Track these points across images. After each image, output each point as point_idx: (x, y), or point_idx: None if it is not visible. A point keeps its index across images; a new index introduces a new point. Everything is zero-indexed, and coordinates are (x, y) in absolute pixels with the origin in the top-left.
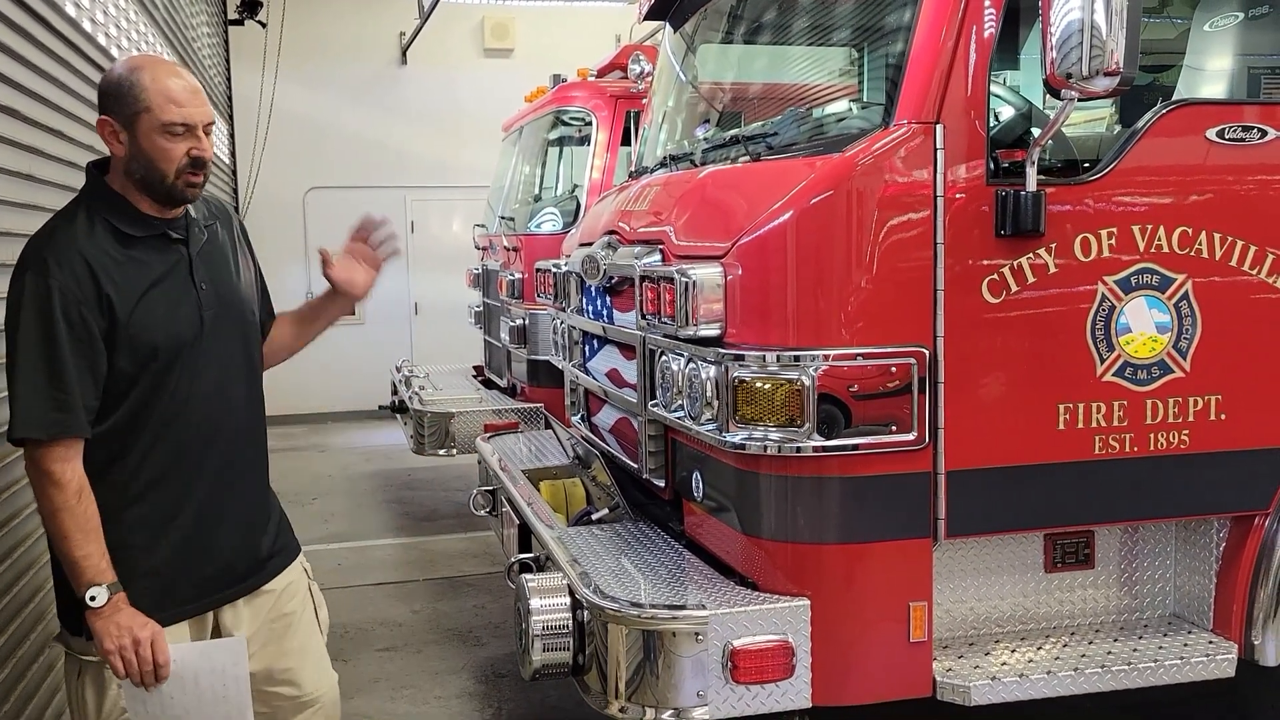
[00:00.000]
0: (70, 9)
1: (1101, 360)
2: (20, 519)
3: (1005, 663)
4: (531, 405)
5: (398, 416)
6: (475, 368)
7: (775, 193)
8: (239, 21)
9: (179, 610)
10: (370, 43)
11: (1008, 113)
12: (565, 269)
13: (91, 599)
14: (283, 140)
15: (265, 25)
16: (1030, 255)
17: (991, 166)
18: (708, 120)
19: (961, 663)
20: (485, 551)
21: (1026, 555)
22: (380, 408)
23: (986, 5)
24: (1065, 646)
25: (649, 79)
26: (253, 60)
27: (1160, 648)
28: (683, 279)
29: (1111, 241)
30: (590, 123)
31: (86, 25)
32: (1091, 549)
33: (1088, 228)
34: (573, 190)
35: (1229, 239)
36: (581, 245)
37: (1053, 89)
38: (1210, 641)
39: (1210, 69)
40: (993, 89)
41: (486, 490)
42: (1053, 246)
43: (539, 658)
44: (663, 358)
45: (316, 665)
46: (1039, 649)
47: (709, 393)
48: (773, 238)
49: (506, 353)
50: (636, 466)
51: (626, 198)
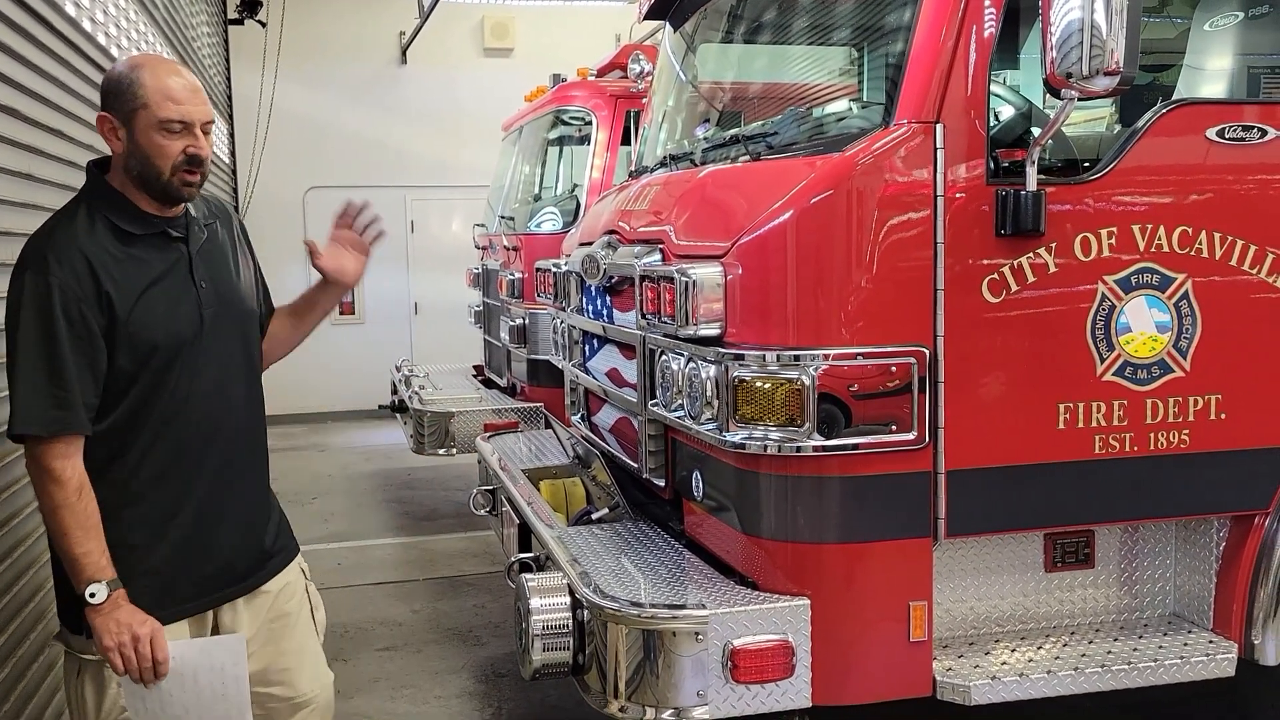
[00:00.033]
0: (70, 9)
1: (1101, 360)
2: (20, 518)
3: (1005, 662)
4: (531, 405)
5: (397, 416)
6: (475, 367)
7: (775, 192)
8: (239, 21)
9: (179, 609)
10: (370, 42)
11: (1008, 112)
12: (565, 269)
13: (91, 595)
14: (283, 140)
15: (265, 25)
16: (1030, 255)
17: (991, 166)
18: (708, 120)
19: (961, 662)
20: (485, 551)
21: (1026, 555)
22: (380, 407)
23: (986, 5)
24: (1065, 646)
25: (649, 78)
26: (252, 60)
27: (1160, 647)
28: (683, 278)
29: (1111, 241)
30: (590, 122)
31: (86, 25)
32: (1091, 549)
33: (1088, 227)
34: (572, 190)
35: (1229, 238)
36: (581, 245)
37: (1053, 89)
38: (1210, 641)
39: (1210, 68)
40: (993, 89)
41: (486, 490)
42: (1053, 246)
43: (539, 657)
44: (663, 357)
45: (313, 666)
46: (1039, 648)
47: (709, 392)
48: (773, 237)
49: (506, 352)
50: (636, 466)
51: (626, 197)
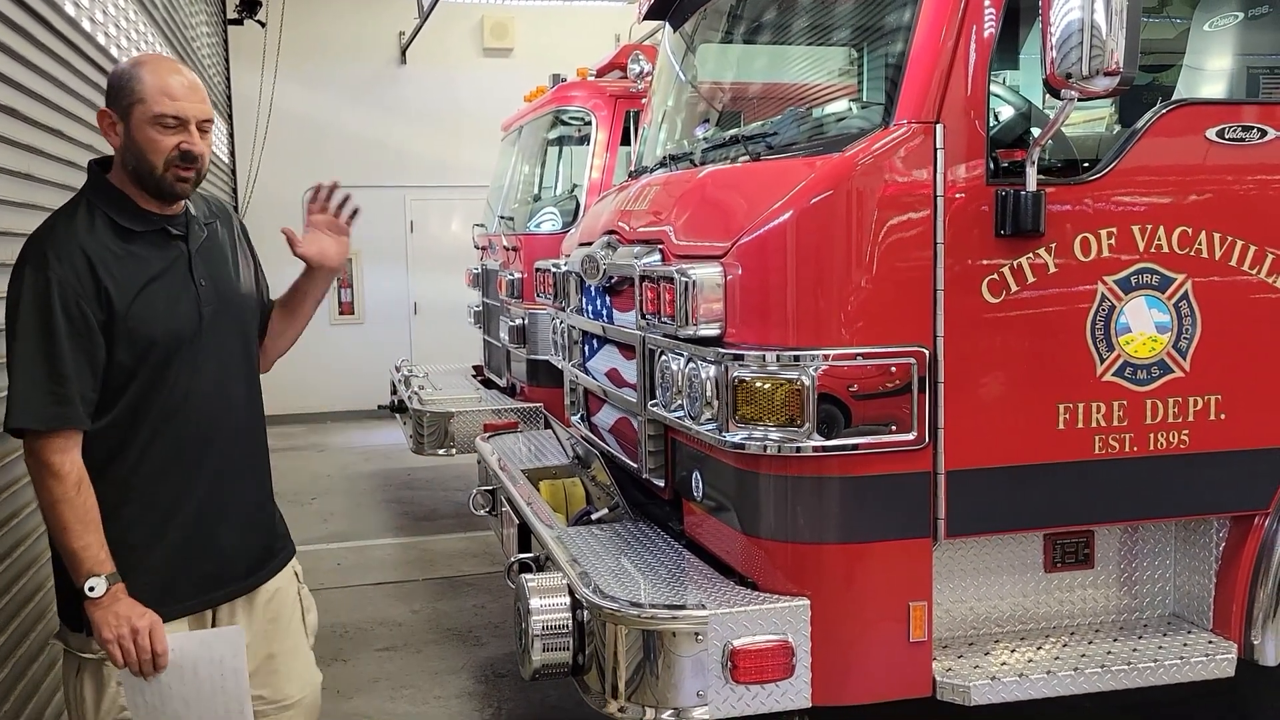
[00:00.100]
0: (70, 8)
1: (1101, 360)
2: (21, 518)
3: (1005, 662)
4: (531, 405)
5: (397, 416)
6: (475, 367)
7: (775, 192)
8: (238, 21)
9: (178, 607)
10: (370, 42)
11: (1008, 112)
12: (565, 269)
13: (90, 589)
14: (282, 140)
15: (264, 25)
16: (1030, 255)
17: (991, 166)
18: (707, 120)
19: (961, 662)
20: (485, 551)
21: (1026, 555)
22: (380, 407)
23: (986, 5)
24: (1065, 646)
25: (648, 79)
26: (252, 60)
27: (1160, 648)
28: (682, 279)
29: (1111, 241)
30: (590, 122)
31: (86, 24)
32: (1091, 549)
33: (1087, 227)
34: (572, 190)
35: (1229, 239)
36: (581, 245)
37: (1053, 89)
38: (1210, 641)
39: (1210, 69)
40: (993, 89)
41: (486, 490)
42: (1052, 246)
43: (539, 658)
44: (662, 357)
45: (302, 670)
46: (1039, 649)
47: (709, 392)
48: (772, 237)
49: (506, 352)
50: (636, 466)
51: (626, 197)
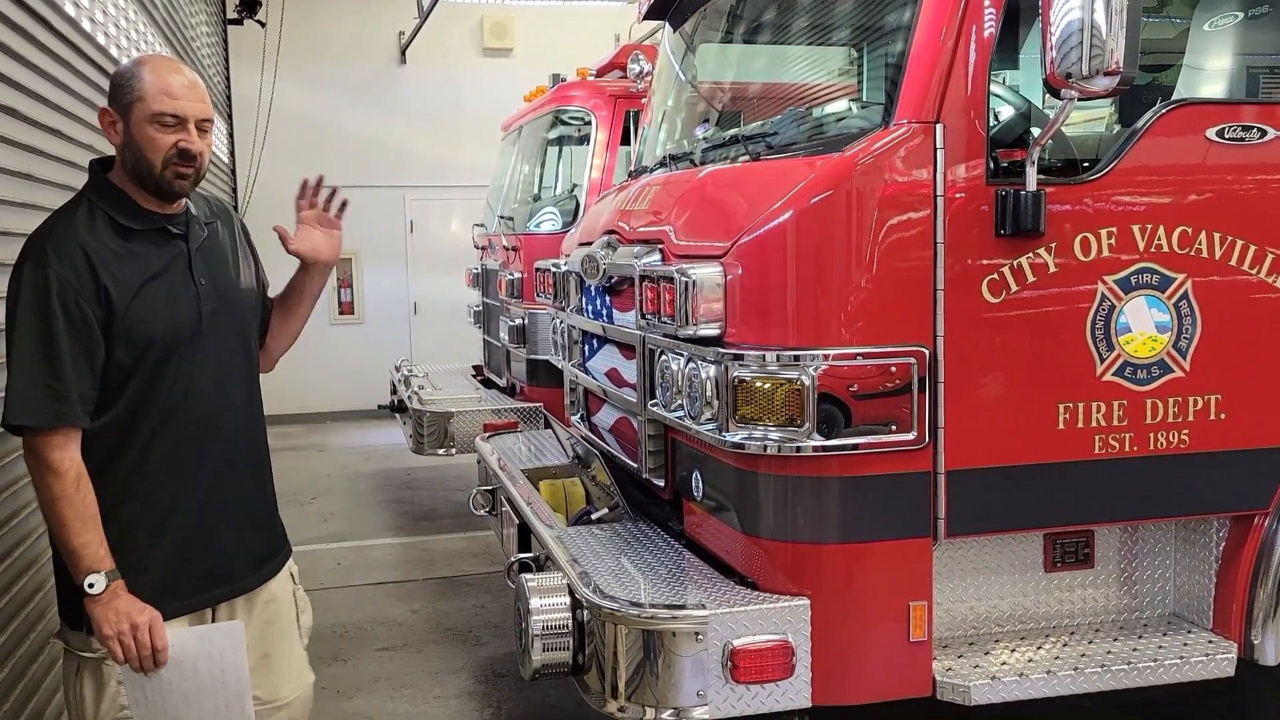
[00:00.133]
0: (69, 8)
1: (1101, 360)
2: (21, 518)
3: (1005, 662)
4: (531, 405)
5: (397, 416)
6: (474, 367)
7: (775, 192)
8: (238, 21)
9: (177, 605)
10: (369, 42)
11: (1008, 112)
12: (565, 268)
13: (90, 586)
14: (282, 140)
15: (264, 25)
16: (1030, 255)
17: (991, 166)
18: (707, 120)
19: (961, 662)
20: (485, 551)
21: (1026, 555)
22: (379, 407)
23: (986, 5)
24: (1065, 646)
25: (648, 78)
26: (252, 60)
27: (1160, 647)
28: (682, 278)
29: (1111, 241)
30: (589, 122)
31: (85, 24)
32: (1091, 549)
33: (1087, 227)
34: (572, 190)
35: (1229, 238)
36: (581, 245)
37: (1053, 89)
38: (1210, 641)
39: (1210, 68)
40: (993, 89)
41: (486, 490)
42: (1052, 246)
43: (539, 657)
44: (662, 357)
45: (296, 672)
46: (1039, 649)
47: (709, 392)
48: (772, 237)
49: (506, 352)
50: (636, 466)
51: (626, 197)
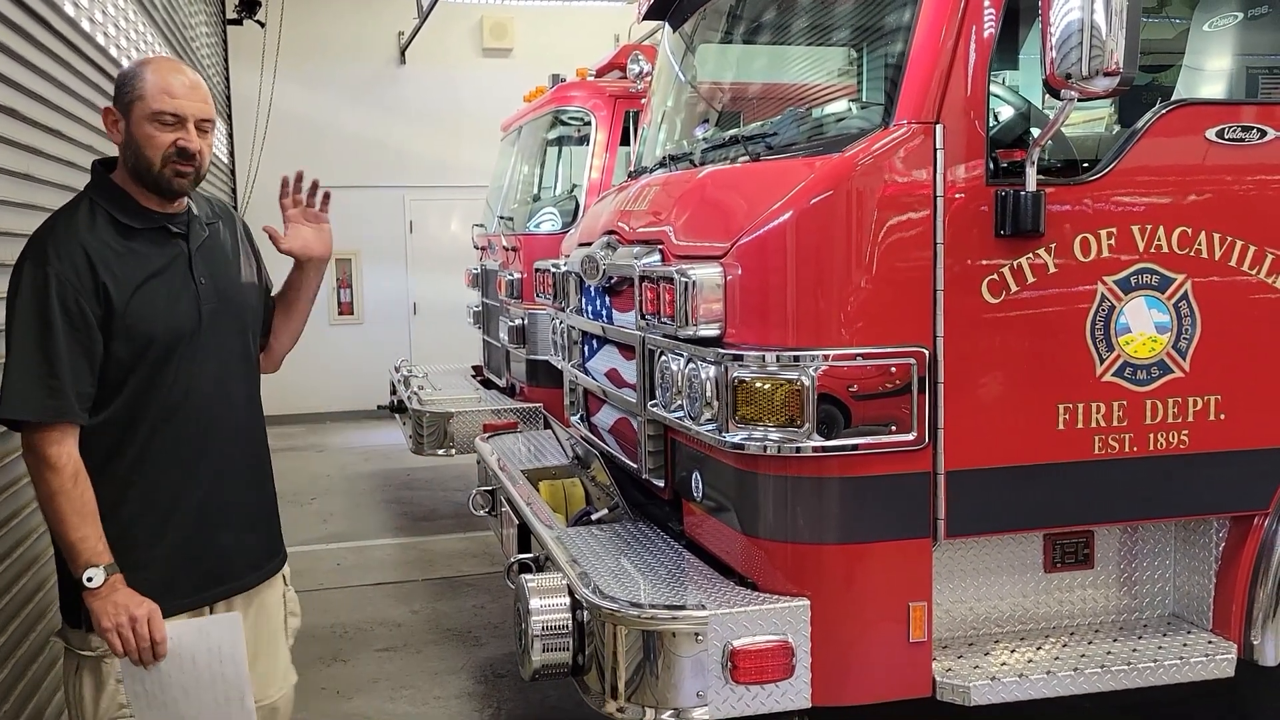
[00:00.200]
0: (69, 8)
1: (1101, 360)
2: (21, 518)
3: (1005, 663)
4: (530, 405)
5: (396, 416)
6: (474, 368)
7: (775, 193)
8: (237, 21)
9: (176, 604)
10: (369, 42)
11: (1007, 113)
12: (564, 269)
13: (89, 580)
14: (281, 140)
15: (264, 25)
16: (1030, 255)
17: (991, 166)
18: (707, 120)
19: (961, 663)
20: (484, 551)
21: (1026, 555)
22: (379, 407)
23: (986, 5)
24: (1065, 646)
25: (648, 79)
26: (251, 60)
27: (1160, 648)
28: (682, 279)
29: (1111, 241)
30: (589, 122)
31: (85, 25)
32: (1091, 549)
33: (1087, 228)
34: (571, 190)
35: (1228, 239)
36: (581, 245)
37: (1053, 89)
38: (1209, 641)
39: (1209, 69)
40: (992, 89)
41: (485, 490)
42: (1052, 246)
43: (538, 658)
44: (662, 358)
45: (283, 671)
46: (1038, 649)
47: (708, 393)
48: (772, 238)
49: (505, 353)
50: (636, 466)
51: (625, 198)
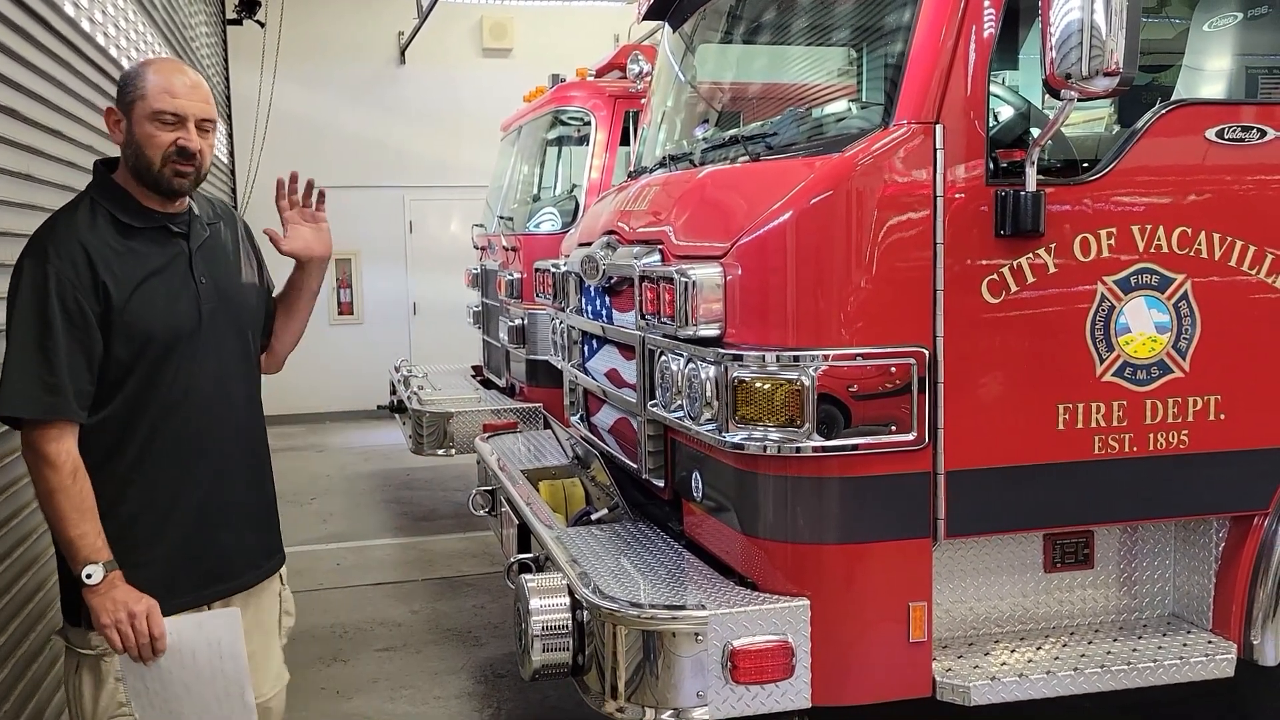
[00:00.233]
0: (69, 9)
1: (1101, 360)
2: (22, 518)
3: (1005, 663)
4: (530, 405)
5: (396, 416)
6: (474, 368)
7: (775, 193)
8: (237, 21)
9: (176, 603)
10: (369, 42)
11: (1007, 113)
12: (564, 269)
13: (88, 576)
14: (281, 140)
15: (264, 25)
16: (1030, 255)
17: (991, 166)
18: (707, 120)
19: (961, 663)
20: (484, 551)
21: (1026, 555)
22: (379, 407)
23: (986, 5)
24: (1065, 646)
25: (648, 79)
26: (251, 60)
27: (1159, 648)
28: (682, 279)
29: (1111, 242)
30: (589, 122)
31: (85, 25)
32: (1091, 549)
33: (1087, 228)
34: (571, 190)
35: (1228, 239)
36: (580, 245)
37: (1052, 89)
38: (1209, 641)
39: (1209, 69)
40: (992, 89)
41: (485, 490)
42: (1052, 247)
43: (538, 658)
44: (662, 358)
45: (276, 669)
46: (1038, 649)
47: (708, 393)
48: (772, 238)
49: (505, 353)
50: (636, 466)
51: (625, 198)
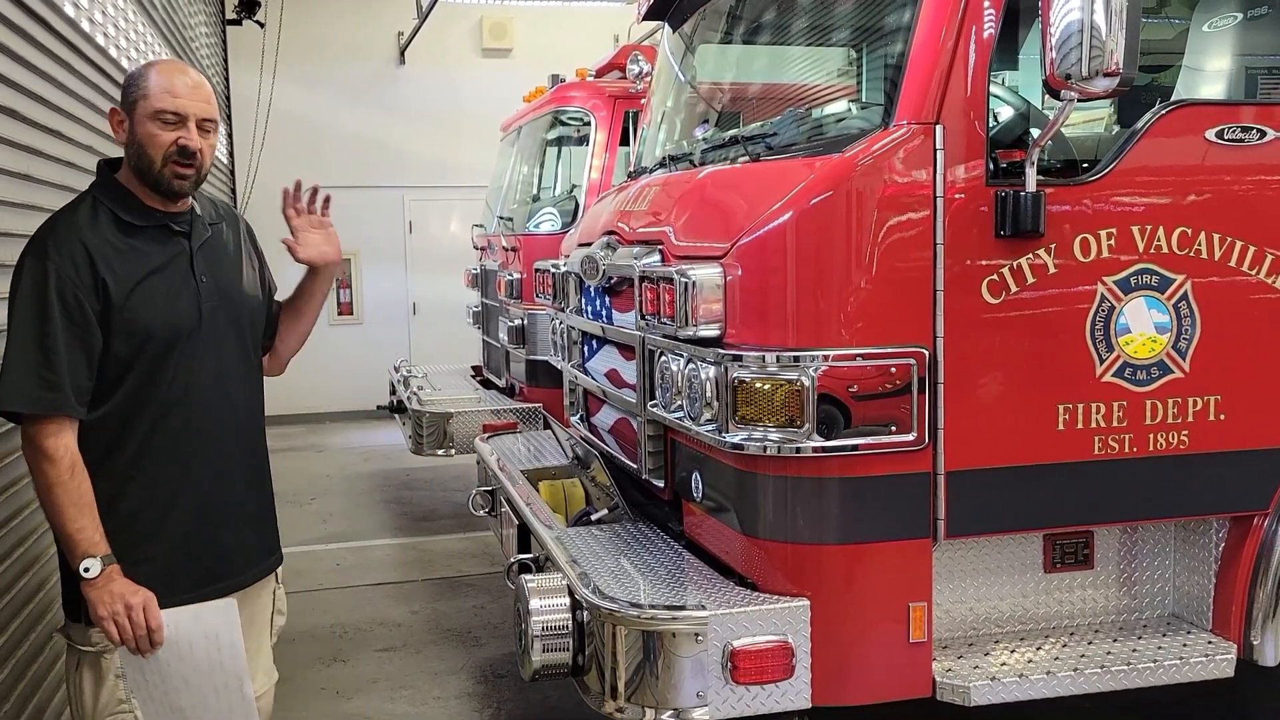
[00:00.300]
0: (69, 9)
1: (1101, 361)
2: (22, 517)
3: (1005, 663)
4: (530, 405)
5: (396, 416)
6: (474, 368)
7: (775, 193)
8: (237, 21)
9: (175, 601)
10: (368, 42)
11: (1007, 113)
12: (564, 269)
13: (85, 570)
14: (281, 140)
15: (263, 25)
16: (1030, 256)
17: (991, 167)
18: (707, 120)
19: (961, 663)
20: (484, 552)
21: (1026, 555)
22: (379, 408)
23: (986, 5)
24: (1064, 647)
25: (647, 79)
26: (251, 60)
27: (1159, 648)
28: (682, 279)
29: (1111, 242)
30: (589, 123)
31: (85, 25)
32: (1091, 549)
33: (1087, 228)
34: (571, 190)
35: (1228, 239)
36: (580, 245)
37: (1052, 89)
38: (1209, 641)
39: (1209, 69)
40: (992, 89)
41: (485, 490)
42: (1052, 247)
43: (538, 658)
44: (662, 358)
45: (266, 667)
46: (1038, 649)
47: (708, 393)
48: (772, 238)
49: (505, 353)
50: (636, 467)
51: (625, 198)
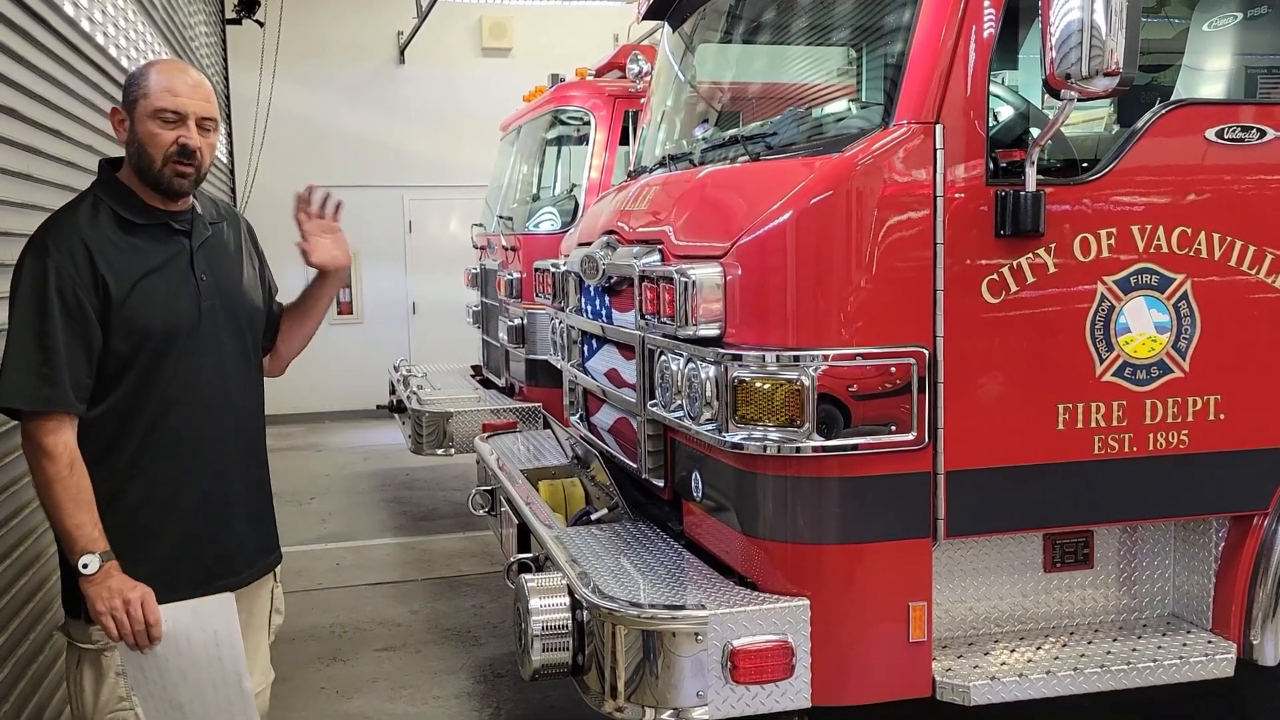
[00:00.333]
0: (69, 8)
1: (1101, 360)
2: (22, 517)
3: (1004, 662)
4: (530, 405)
5: (395, 416)
6: (473, 367)
7: (775, 193)
8: (236, 21)
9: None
10: (368, 42)
11: (1007, 113)
12: (564, 269)
13: (84, 566)
14: (280, 140)
15: (263, 25)
16: (1030, 255)
17: (991, 166)
18: (706, 120)
19: (961, 663)
20: (484, 551)
21: (1026, 555)
22: (378, 407)
23: (986, 5)
24: (1064, 646)
25: (647, 78)
26: (250, 60)
27: (1159, 647)
28: (682, 279)
29: (1111, 241)
30: (588, 122)
31: (85, 25)
32: (1090, 549)
33: (1087, 228)
34: (571, 190)
35: (1228, 239)
36: (580, 245)
37: (1052, 89)
38: (1209, 641)
39: (1209, 69)
40: (992, 89)
41: (485, 490)
42: (1052, 246)
43: (538, 658)
44: (662, 357)
45: (264, 665)
46: (1038, 649)
47: (708, 392)
48: (772, 238)
49: (505, 352)
50: (635, 466)
51: (625, 197)
